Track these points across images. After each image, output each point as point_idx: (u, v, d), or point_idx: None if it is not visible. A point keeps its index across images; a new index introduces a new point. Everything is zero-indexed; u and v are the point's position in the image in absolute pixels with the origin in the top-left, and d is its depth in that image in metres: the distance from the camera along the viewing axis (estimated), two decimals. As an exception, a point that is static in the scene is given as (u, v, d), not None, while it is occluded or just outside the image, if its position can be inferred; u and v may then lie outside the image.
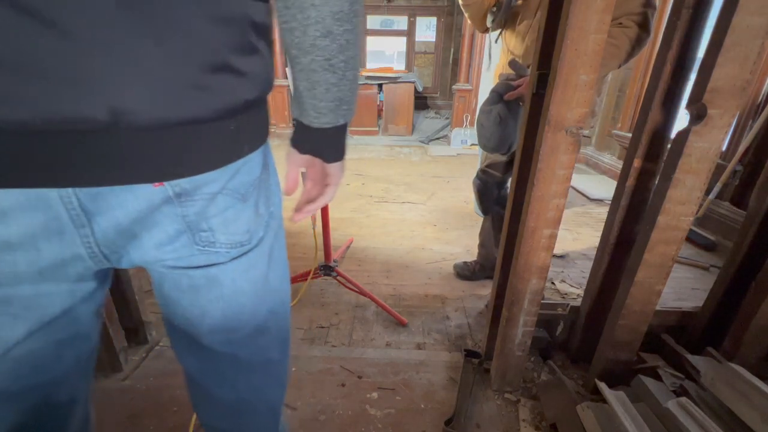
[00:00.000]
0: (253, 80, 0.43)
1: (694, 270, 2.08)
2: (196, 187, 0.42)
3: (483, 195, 1.73)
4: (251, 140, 0.46)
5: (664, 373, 1.13)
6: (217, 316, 0.52)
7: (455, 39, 7.01)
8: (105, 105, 0.34)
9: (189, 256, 0.46)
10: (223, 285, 0.50)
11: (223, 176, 0.44)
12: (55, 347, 0.46)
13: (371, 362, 1.40)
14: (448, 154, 4.76)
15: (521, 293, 1.12)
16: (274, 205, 0.55)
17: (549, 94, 0.91)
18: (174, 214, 0.42)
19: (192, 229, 0.44)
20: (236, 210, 0.46)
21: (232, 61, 0.40)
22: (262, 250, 0.53)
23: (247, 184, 0.47)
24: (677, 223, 0.97)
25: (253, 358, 0.58)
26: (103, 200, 0.39)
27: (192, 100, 0.38)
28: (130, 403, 1.19)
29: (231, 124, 0.42)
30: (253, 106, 0.44)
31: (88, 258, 0.42)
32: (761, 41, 0.79)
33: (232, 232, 0.47)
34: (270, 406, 0.65)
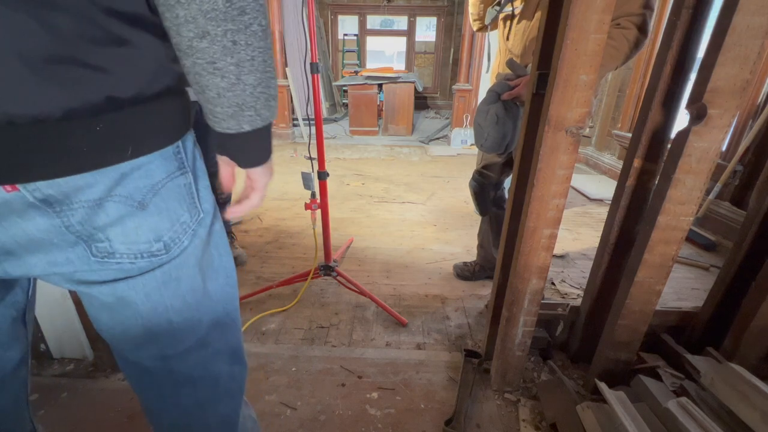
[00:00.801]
0: (122, 76, 0.39)
1: (694, 270, 2.08)
2: (65, 193, 0.39)
3: (480, 196, 1.73)
4: (140, 141, 0.42)
5: (664, 373, 1.13)
6: (139, 333, 0.49)
7: (455, 39, 7.01)
8: None
9: (89, 270, 0.43)
10: (135, 303, 0.47)
11: (100, 181, 0.40)
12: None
13: (371, 362, 1.40)
14: (448, 154, 4.76)
15: (521, 293, 1.12)
16: (204, 211, 0.51)
17: (549, 94, 0.91)
18: (53, 226, 0.39)
19: (85, 240, 0.41)
20: (136, 218, 0.43)
21: (79, 55, 0.36)
22: (186, 261, 0.49)
23: (142, 190, 0.43)
24: (677, 223, 0.97)
25: (194, 373, 0.55)
26: None
27: (25, 97, 0.35)
28: (130, 403, 1.19)
29: (95, 124, 0.38)
30: (133, 104, 0.40)
31: None
32: (761, 41, 0.79)
33: (133, 242, 0.44)
34: (222, 419, 0.62)
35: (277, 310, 1.68)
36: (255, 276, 1.94)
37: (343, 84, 5.86)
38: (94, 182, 0.40)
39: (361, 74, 5.79)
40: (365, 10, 7.34)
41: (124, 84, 0.39)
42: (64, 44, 0.35)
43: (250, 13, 0.39)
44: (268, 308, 1.68)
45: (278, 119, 5.14)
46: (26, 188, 0.37)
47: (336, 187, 3.37)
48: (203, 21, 0.38)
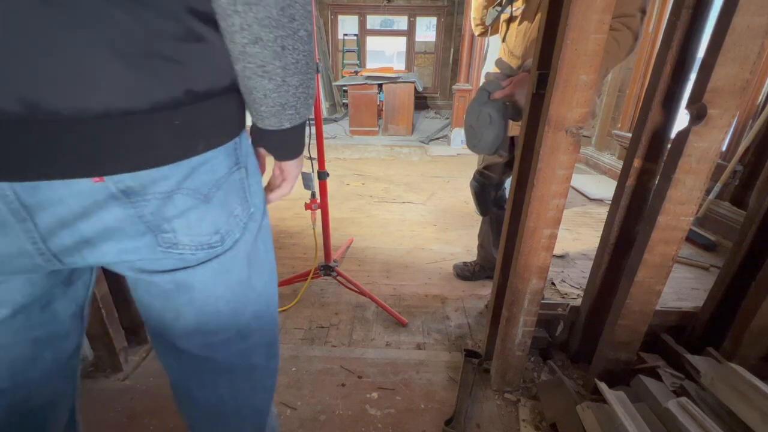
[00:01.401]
0: (200, 70, 0.41)
1: (694, 270, 2.08)
2: (143, 185, 0.40)
3: (480, 197, 1.73)
4: (208, 136, 0.44)
5: (664, 373, 1.13)
6: (191, 320, 0.51)
7: (455, 39, 7.01)
8: (14, 95, 0.33)
9: (154, 259, 0.45)
10: (193, 289, 0.49)
11: (175, 174, 0.42)
12: (31, 346, 0.47)
13: (371, 362, 1.40)
14: (448, 154, 4.76)
15: (521, 293, 1.12)
16: (255, 206, 0.53)
17: (549, 94, 0.91)
18: (128, 216, 0.41)
19: (153, 230, 0.43)
20: (199, 210, 0.45)
21: (165, 50, 0.38)
22: (237, 254, 0.51)
23: (209, 184, 0.45)
24: (677, 223, 0.97)
25: (234, 363, 0.57)
26: (42, 195, 0.38)
27: (117, 90, 0.36)
28: (130, 403, 1.19)
29: (175, 118, 0.40)
30: (205, 98, 0.42)
31: (36, 254, 0.41)
32: (761, 41, 0.79)
33: (196, 233, 0.46)
34: (255, 410, 0.64)
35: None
36: (255, 276, 1.94)
37: (343, 84, 5.85)
38: (169, 175, 0.42)
39: (361, 74, 5.78)
40: (365, 10, 7.34)
41: (200, 78, 0.41)
42: (152, 39, 0.37)
43: (298, 20, 0.42)
44: (268, 308, 1.67)
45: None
46: (111, 179, 0.39)
47: (336, 187, 3.37)
48: (257, 28, 0.40)
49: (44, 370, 0.49)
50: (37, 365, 0.48)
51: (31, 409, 0.49)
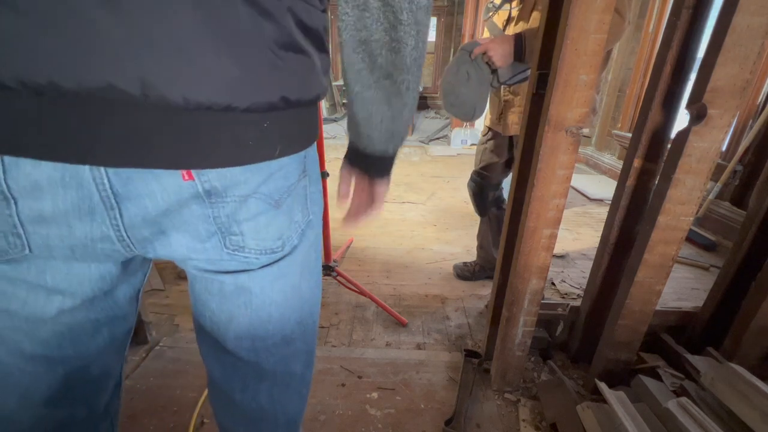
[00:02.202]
0: (295, 79, 0.43)
1: (694, 270, 2.08)
2: (226, 186, 0.42)
3: (479, 197, 1.72)
4: (286, 143, 0.45)
5: (664, 373, 1.13)
6: (244, 322, 0.52)
7: (455, 39, 7.00)
8: (136, 76, 0.34)
9: (218, 260, 0.46)
10: (251, 293, 0.50)
11: (254, 178, 0.43)
12: (92, 325, 0.49)
13: (371, 362, 1.40)
14: (448, 154, 4.76)
15: (521, 293, 1.12)
16: (313, 213, 0.54)
17: (549, 94, 0.91)
18: (205, 215, 0.42)
19: (222, 232, 0.44)
20: (269, 216, 0.46)
21: (275, 56, 0.39)
22: (294, 259, 0.52)
23: (281, 190, 0.46)
24: (677, 223, 0.97)
25: (277, 369, 0.58)
26: (133, 186, 0.39)
27: (224, 85, 0.37)
28: (130, 403, 1.19)
29: (264, 120, 0.41)
30: (292, 107, 0.44)
31: (116, 240, 0.42)
32: (761, 41, 0.79)
33: (262, 238, 0.47)
34: (289, 418, 0.65)
35: (277, 310, 1.68)
36: (255, 276, 1.94)
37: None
38: (250, 179, 0.43)
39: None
40: (365, 10, 7.33)
41: (294, 87, 0.43)
42: (263, 42, 0.38)
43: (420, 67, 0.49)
44: (268, 308, 1.68)
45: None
46: (200, 178, 0.40)
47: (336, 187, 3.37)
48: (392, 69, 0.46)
49: (102, 345, 0.51)
50: (96, 341, 0.50)
51: (88, 377, 0.52)
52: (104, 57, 0.33)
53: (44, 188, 0.37)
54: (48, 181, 0.36)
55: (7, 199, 0.36)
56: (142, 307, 1.39)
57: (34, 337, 0.45)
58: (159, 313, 1.62)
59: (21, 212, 0.37)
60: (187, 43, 0.35)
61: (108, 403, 0.58)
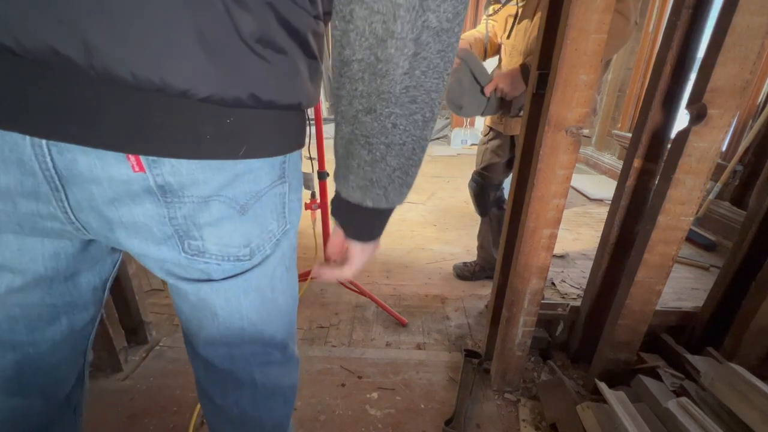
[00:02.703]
0: (270, 79, 0.40)
1: (694, 270, 2.08)
2: (182, 184, 0.39)
3: (479, 197, 1.73)
4: (254, 145, 0.42)
5: (664, 373, 1.13)
6: (213, 332, 0.51)
7: (455, 39, 6.99)
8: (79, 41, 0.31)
9: (178, 264, 0.44)
10: (215, 306, 0.48)
11: (215, 178, 0.41)
12: (49, 311, 0.47)
13: (371, 362, 1.40)
14: (448, 154, 4.75)
15: (521, 293, 1.12)
16: (291, 223, 0.51)
17: (549, 94, 0.91)
18: (159, 215, 0.40)
19: (180, 235, 0.42)
20: (234, 221, 0.43)
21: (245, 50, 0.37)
22: (265, 271, 0.50)
23: (248, 195, 0.44)
24: (677, 223, 0.97)
25: (256, 378, 0.57)
26: (77, 169, 0.37)
27: (186, 68, 0.35)
28: (130, 403, 1.19)
29: (227, 116, 0.38)
30: (265, 107, 0.41)
31: (65, 222, 0.40)
32: (761, 41, 0.79)
33: (225, 244, 0.44)
34: (276, 423, 0.65)
35: (277, 310, 1.68)
36: (255, 276, 1.94)
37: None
38: (209, 179, 0.40)
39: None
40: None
41: (268, 87, 0.40)
42: (236, 35, 0.36)
43: (419, 103, 0.39)
44: (268, 308, 1.68)
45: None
46: (152, 171, 0.38)
47: (336, 187, 3.37)
48: (375, 99, 0.38)
49: (60, 334, 0.50)
50: (53, 328, 0.49)
51: (44, 366, 0.50)
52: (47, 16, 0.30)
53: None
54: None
55: None
56: (142, 307, 1.39)
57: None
58: (159, 313, 1.62)
59: None
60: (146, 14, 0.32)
61: (69, 393, 0.56)
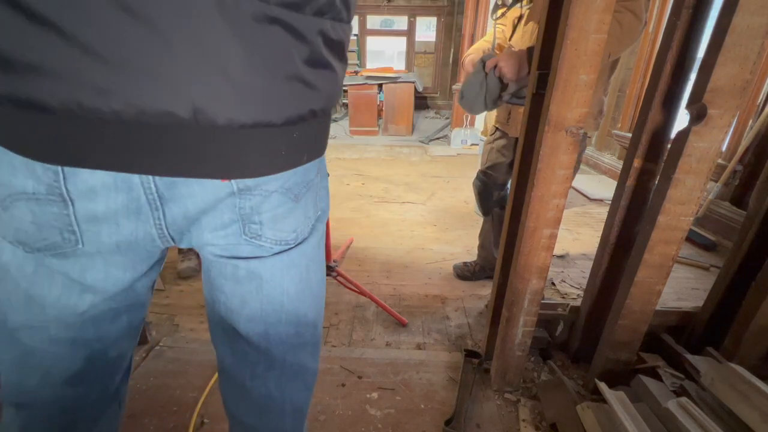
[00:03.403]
0: (322, 92, 0.46)
1: (694, 270, 2.08)
2: (256, 184, 0.46)
3: (483, 196, 1.73)
4: (311, 149, 0.50)
5: (664, 373, 1.13)
6: (255, 307, 0.55)
7: (455, 39, 7.00)
8: (189, 103, 0.38)
9: (235, 245, 0.50)
10: (262, 278, 0.53)
11: (281, 177, 0.47)
12: (113, 313, 0.53)
13: (371, 362, 1.40)
14: (448, 154, 4.75)
15: (521, 293, 1.12)
16: (322, 209, 0.57)
17: (549, 94, 0.91)
18: (232, 205, 0.46)
19: (244, 220, 0.48)
20: (287, 208, 0.50)
21: (305, 74, 0.43)
22: (303, 250, 0.55)
23: (301, 185, 0.50)
24: (677, 223, 0.97)
25: (286, 358, 0.60)
26: (177, 189, 0.43)
27: (266, 104, 0.41)
28: (130, 403, 1.19)
29: (294, 132, 0.45)
30: (317, 117, 0.48)
31: (158, 237, 0.47)
32: (761, 41, 0.79)
33: (279, 229, 0.50)
34: (296, 408, 0.67)
35: (277, 310, 1.67)
36: (255, 276, 1.94)
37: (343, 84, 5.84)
38: (278, 178, 0.47)
39: (361, 74, 5.78)
40: (365, 10, 7.33)
41: (321, 100, 0.47)
42: (295, 65, 0.42)
43: None
44: (268, 308, 1.67)
45: (278, 119, 5.14)
46: (236, 180, 0.45)
47: (336, 187, 3.37)
48: None
49: (120, 330, 0.55)
50: (115, 326, 0.54)
51: (106, 359, 0.55)
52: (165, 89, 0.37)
53: (98, 191, 0.41)
54: (102, 186, 0.41)
55: (66, 201, 0.41)
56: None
57: (60, 324, 0.48)
58: (159, 313, 1.62)
59: (77, 212, 0.42)
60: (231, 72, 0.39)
61: (119, 385, 0.61)
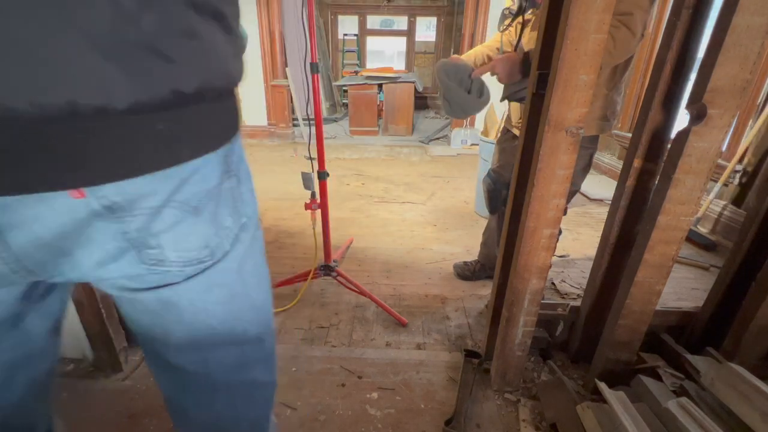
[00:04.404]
0: (189, 69, 0.36)
1: (694, 270, 2.08)
2: (130, 200, 0.37)
3: (492, 194, 1.75)
4: (195, 143, 0.39)
5: (664, 373, 1.13)
6: (182, 336, 0.48)
7: (455, 39, 7.01)
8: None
9: (136, 276, 0.42)
10: (180, 306, 0.46)
11: (164, 187, 0.38)
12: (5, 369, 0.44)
13: (371, 362, 1.40)
14: (448, 154, 4.75)
15: (521, 293, 1.12)
16: (246, 216, 0.49)
17: (549, 94, 0.91)
18: (111, 230, 0.38)
19: (137, 247, 0.39)
20: (188, 224, 0.41)
21: (150, 43, 0.33)
22: (227, 266, 0.47)
23: (199, 195, 0.41)
24: (677, 223, 0.97)
25: (232, 379, 0.55)
26: (13, 213, 0.34)
27: (89, 84, 0.31)
28: (130, 403, 1.19)
29: (157, 123, 0.35)
30: (192, 101, 0.37)
31: (9, 272, 0.38)
32: (761, 41, 0.79)
33: (184, 249, 0.42)
34: (253, 425, 0.63)
35: (278, 310, 1.68)
36: (255, 276, 1.94)
37: (343, 84, 5.84)
38: (159, 189, 0.38)
39: (361, 74, 5.78)
40: (365, 10, 7.33)
41: (189, 78, 0.37)
42: (137, 29, 0.32)
43: None
44: (268, 308, 1.68)
45: (278, 119, 5.14)
46: (94, 194, 0.35)
47: (336, 187, 3.37)
48: None
49: (20, 392, 0.46)
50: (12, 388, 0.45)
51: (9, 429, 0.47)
52: None
53: None
54: None
55: None
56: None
57: None
58: (159, 313, 1.62)
59: None
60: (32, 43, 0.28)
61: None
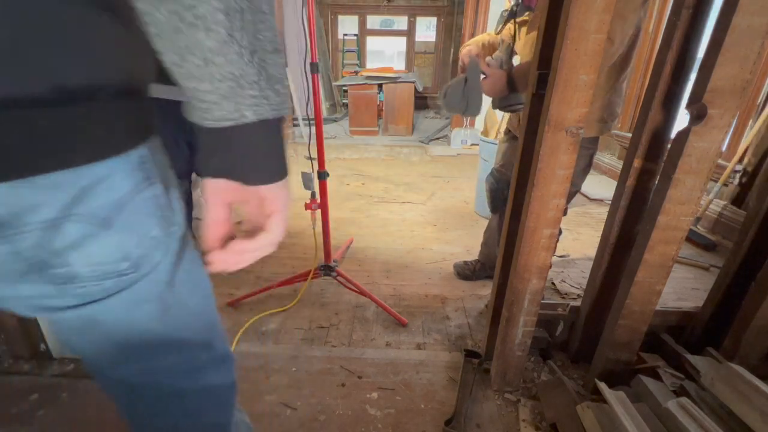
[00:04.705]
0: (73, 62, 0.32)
1: (694, 270, 2.08)
2: (14, 214, 0.32)
3: (494, 193, 1.75)
4: (91, 146, 0.34)
5: (664, 373, 1.13)
6: (116, 352, 0.45)
7: (455, 39, 7.01)
8: None
9: (47, 297, 0.38)
10: (107, 324, 0.42)
11: (57, 198, 0.33)
12: None
13: (371, 362, 1.40)
14: (448, 154, 4.75)
15: (521, 293, 1.12)
16: (177, 224, 0.45)
17: (549, 94, 0.91)
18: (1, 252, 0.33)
19: (38, 268, 0.35)
20: (99, 238, 0.37)
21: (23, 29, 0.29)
22: (158, 278, 0.44)
23: (107, 207, 0.36)
24: (677, 223, 0.97)
25: (182, 385, 0.52)
26: None
27: None
28: (130, 403, 1.19)
29: (37, 119, 0.31)
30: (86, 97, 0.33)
31: None
32: (761, 41, 0.79)
33: (97, 263, 0.38)
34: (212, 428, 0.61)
35: (277, 310, 1.68)
36: (255, 276, 1.94)
37: (343, 84, 5.85)
38: (49, 200, 0.33)
39: (361, 74, 5.78)
40: (365, 10, 7.33)
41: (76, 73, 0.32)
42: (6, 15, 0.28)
43: None
44: (268, 308, 1.68)
45: (278, 119, 5.14)
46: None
47: (336, 187, 3.37)
48: None
49: None
50: None
51: None
52: None
53: None
54: None
55: None
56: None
57: None
58: (159, 313, 1.62)
59: None
60: None
61: None
